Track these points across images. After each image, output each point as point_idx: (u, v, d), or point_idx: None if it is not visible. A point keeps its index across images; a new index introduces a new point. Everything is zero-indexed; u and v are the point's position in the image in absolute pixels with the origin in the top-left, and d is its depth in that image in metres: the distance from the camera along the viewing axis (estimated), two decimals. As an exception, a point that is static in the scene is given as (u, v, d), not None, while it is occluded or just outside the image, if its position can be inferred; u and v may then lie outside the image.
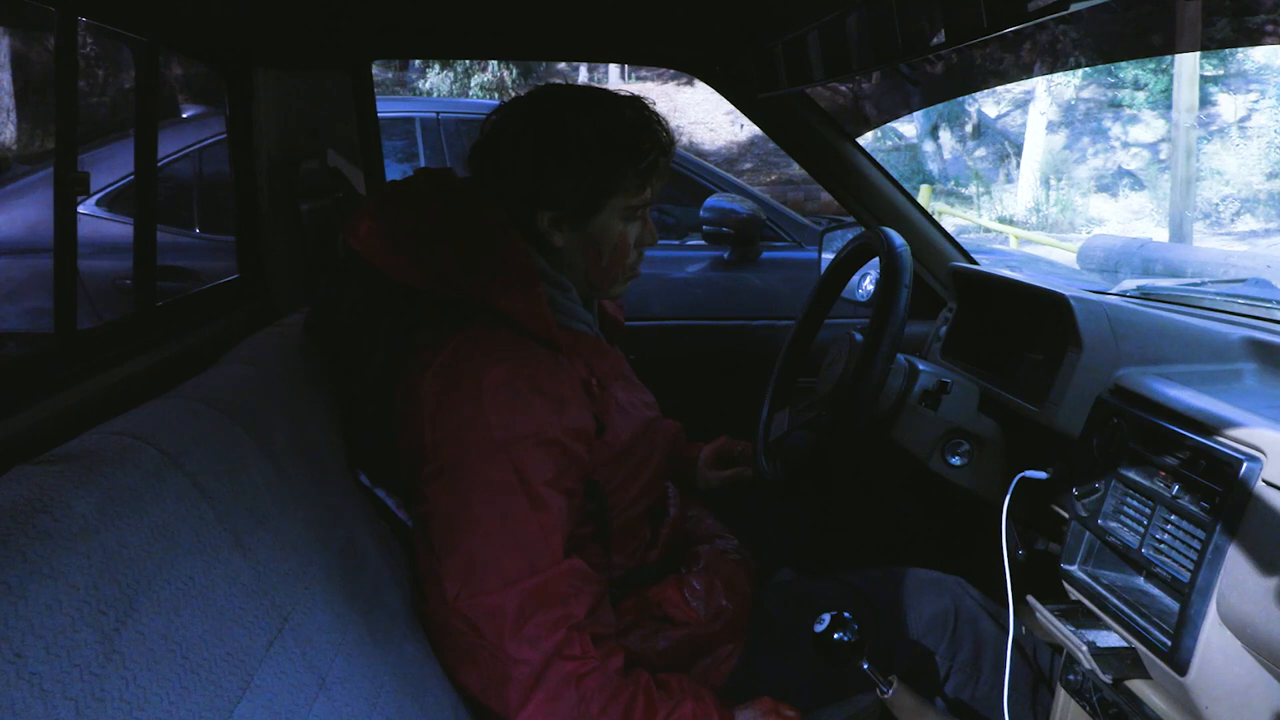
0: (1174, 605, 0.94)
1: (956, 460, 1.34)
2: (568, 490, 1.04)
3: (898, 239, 1.29)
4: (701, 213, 2.64)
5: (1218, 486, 0.91)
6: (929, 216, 1.94)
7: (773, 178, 11.87)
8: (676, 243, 2.88)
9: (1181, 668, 0.91)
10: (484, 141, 1.13)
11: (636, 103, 1.13)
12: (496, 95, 12.70)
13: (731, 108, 1.94)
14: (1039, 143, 12.99)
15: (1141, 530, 1.00)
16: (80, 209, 1.08)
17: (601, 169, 1.09)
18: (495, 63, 12.61)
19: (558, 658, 0.96)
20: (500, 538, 0.97)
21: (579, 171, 1.08)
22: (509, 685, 0.95)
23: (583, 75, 14.14)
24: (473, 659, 0.97)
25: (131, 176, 1.56)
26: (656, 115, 1.14)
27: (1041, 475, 1.15)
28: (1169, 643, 0.92)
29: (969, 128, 14.09)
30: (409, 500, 1.08)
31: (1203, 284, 1.74)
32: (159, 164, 1.41)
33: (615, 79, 14.11)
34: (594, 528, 1.14)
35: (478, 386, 0.99)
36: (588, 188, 1.09)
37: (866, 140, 13.18)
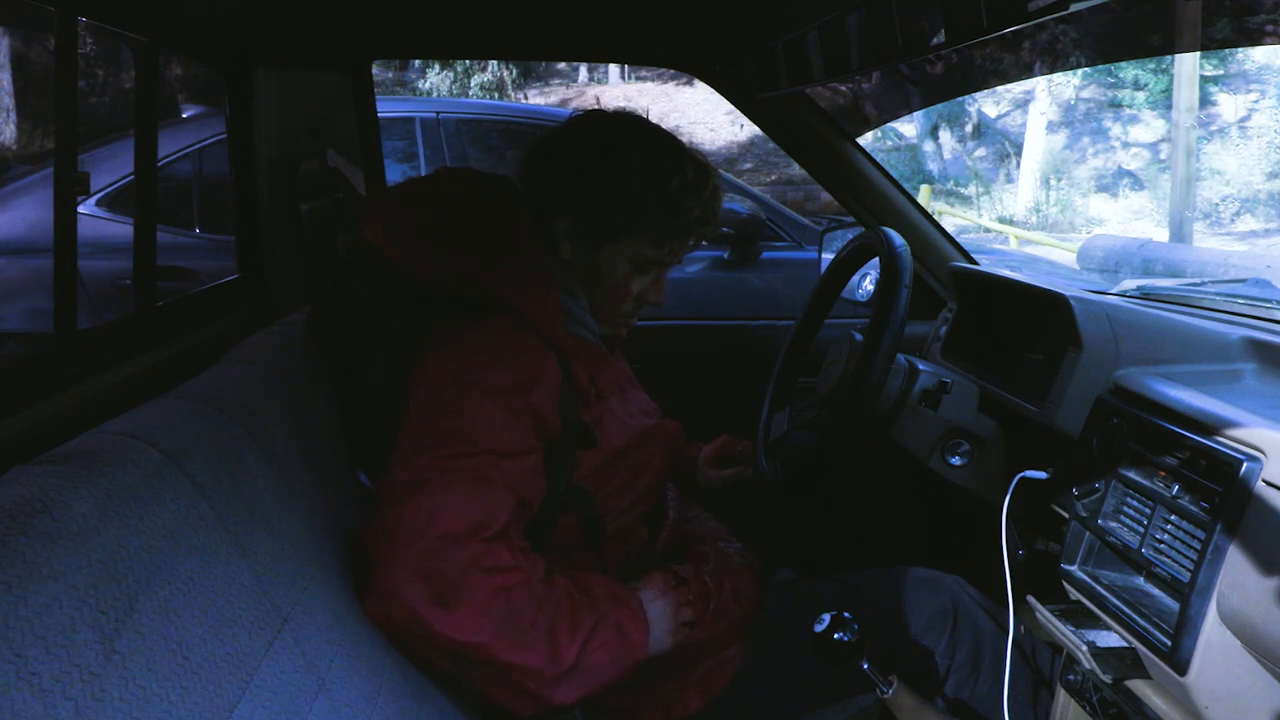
0: (1174, 605, 0.94)
1: (956, 460, 1.34)
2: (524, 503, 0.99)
3: (898, 239, 1.29)
4: (701, 212, 2.63)
5: (1218, 486, 0.91)
6: (929, 216, 1.94)
7: (773, 178, 11.88)
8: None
9: (1181, 668, 0.91)
10: (549, 134, 1.13)
11: (706, 171, 1.12)
12: (496, 95, 12.71)
13: (731, 108, 1.94)
14: (1039, 143, 12.99)
15: (1141, 530, 1.00)
16: (80, 209, 1.08)
17: (631, 203, 1.07)
18: (495, 63, 12.62)
19: (477, 570, 0.88)
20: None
21: (608, 192, 1.07)
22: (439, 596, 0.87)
23: (582, 75, 14.15)
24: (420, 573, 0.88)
25: (131, 176, 1.56)
26: (717, 193, 1.13)
27: (1041, 475, 1.15)
28: (1169, 643, 0.92)
29: (969, 128, 14.09)
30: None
31: (1203, 284, 1.74)
32: (159, 164, 1.41)
33: (615, 79, 14.12)
34: (585, 534, 1.13)
35: (481, 389, 0.98)
36: (609, 212, 1.08)
37: (866, 140, 13.17)
